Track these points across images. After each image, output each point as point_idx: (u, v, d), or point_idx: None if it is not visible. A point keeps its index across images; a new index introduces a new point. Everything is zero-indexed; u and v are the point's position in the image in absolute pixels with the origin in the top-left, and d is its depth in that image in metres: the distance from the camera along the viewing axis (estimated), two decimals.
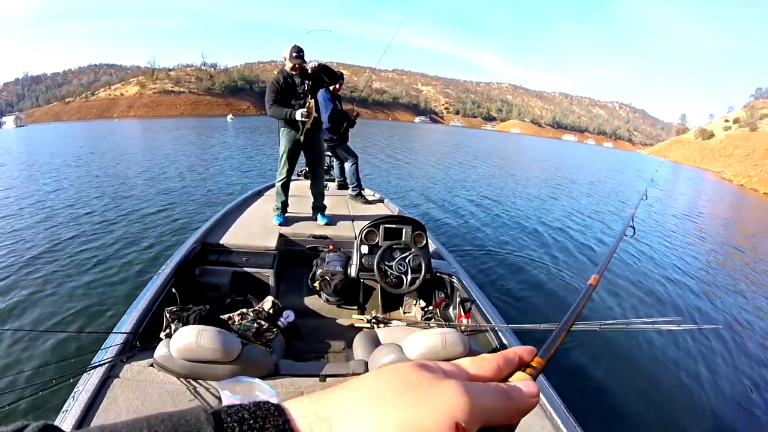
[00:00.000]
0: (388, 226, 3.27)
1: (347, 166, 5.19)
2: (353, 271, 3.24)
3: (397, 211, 4.71)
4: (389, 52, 5.50)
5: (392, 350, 1.99)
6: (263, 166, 14.62)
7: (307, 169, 4.73)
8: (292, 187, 4.18)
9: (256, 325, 2.46)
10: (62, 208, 8.05)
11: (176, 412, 0.23)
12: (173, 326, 2.08)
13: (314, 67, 3.85)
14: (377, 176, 13.88)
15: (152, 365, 1.86)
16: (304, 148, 4.01)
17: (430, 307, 3.30)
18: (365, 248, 3.25)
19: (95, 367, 1.79)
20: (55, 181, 11.00)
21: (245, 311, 2.61)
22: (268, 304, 2.75)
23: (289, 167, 4.01)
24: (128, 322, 2.20)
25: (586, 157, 49.53)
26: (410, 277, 3.10)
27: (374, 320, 2.99)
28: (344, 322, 3.17)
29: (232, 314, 2.56)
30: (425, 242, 3.31)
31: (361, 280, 3.31)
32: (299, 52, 3.68)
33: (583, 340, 4.05)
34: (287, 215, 4.12)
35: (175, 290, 2.62)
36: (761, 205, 24.17)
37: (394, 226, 3.28)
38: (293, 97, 3.80)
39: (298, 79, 3.80)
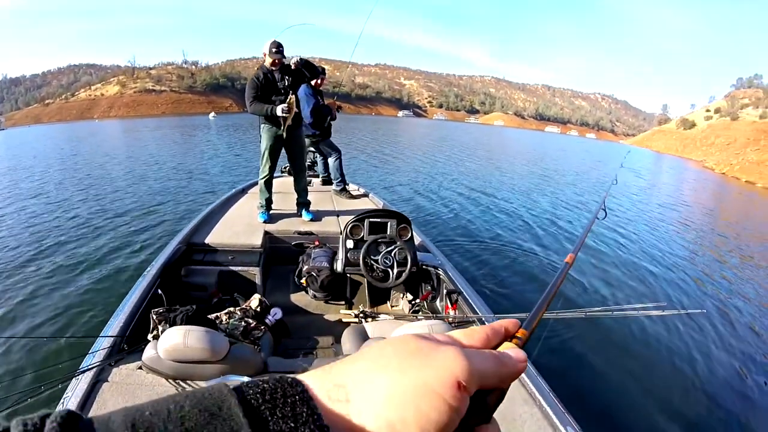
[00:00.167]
0: (373, 220, 3.27)
1: (331, 161, 5.17)
2: (339, 266, 3.24)
3: (381, 205, 4.71)
4: (372, 46, 5.53)
5: None
6: (250, 163, 14.46)
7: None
8: (275, 183, 4.16)
9: (243, 323, 2.46)
10: (45, 213, 7.88)
11: (199, 389, 0.25)
12: (160, 328, 2.07)
13: (296, 62, 3.83)
14: (362, 171, 13.88)
15: (141, 368, 1.85)
16: (285, 144, 3.99)
17: (417, 300, 3.32)
18: (351, 243, 3.25)
19: (83, 371, 1.77)
20: (37, 185, 10.77)
21: (232, 310, 2.60)
22: (255, 302, 2.74)
23: (271, 164, 3.99)
24: (115, 325, 2.17)
25: (569, 148, 50.07)
26: (396, 270, 3.11)
27: (362, 315, 2.99)
28: (332, 317, 3.18)
29: (219, 313, 2.55)
30: (410, 235, 3.32)
31: (347, 275, 3.31)
32: (279, 47, 3.66)
33: (569, 328, 4.11)
34: (272, 212, 4.09)
35: (161, 291, 2.59)
36: (743, 193, 24.70)
37: (379, 220, 3.29)
38: (274, 93, 3.76)
39: (278, 74, 3.76)
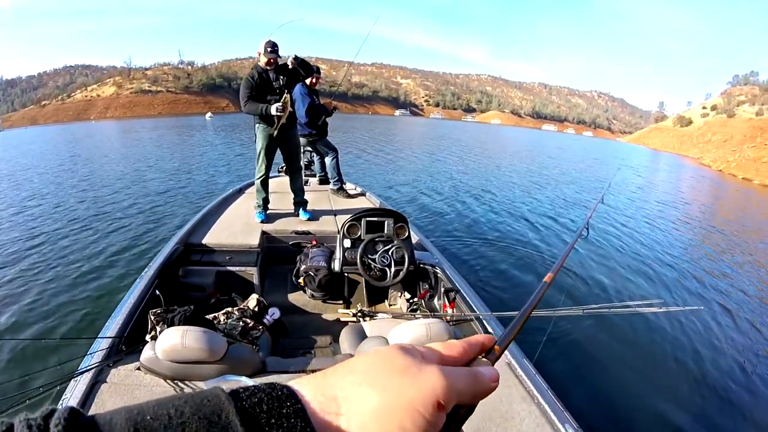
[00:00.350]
0: (370, 219, 3.28)
1: (327, 160, 5.16)
2: (337, 265, 3.24)
3: (378, 204, 4.71)
4: (371, 46, 5.50)
5: (379, 343, 2.01)
6: (250, 163, 14.43)
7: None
8: (272, 183, 4.15)
9: (241, 323, 2.47)
10: (42, 214, 7.86)
11: (196, 392, 0.26)
12: (158, 328, 2.08)
13: (292, 61, 3.82)
14: (359, 170, 13.87)
15: (139, 368, 1.85)
16: (279, 143, 3.98)
17: (415, 298, 3.32)
18: (348, 242, 3.25)
19: (82, 373, 1.77)
20: (36, 186, 10.77)
21: (230, 310, 2.61)
22: (253, 302, 2.75)
23: (267, 164, 3.98)
24: (113, 326, 2.17)
25: (566, 146, 50.10)
26: (394, 269, 3.11)
27: (360, 314, 3.00)
28: (330, 316, 3.18)
29: (217, 314, 2.55)
30: (407, 234, 3.32)
31: (345, 274, 3.31)
32: (274, 47, 3.65)
33: (568, 325, 4.11)
34: (269, 212, 4.09)
35: (158, 292, 2.59)
36: (740, 189, 24.71)
37: (376, 219, 3.29)
38: (269, 92, 3.76)
39: (273, 74, 3.76)
